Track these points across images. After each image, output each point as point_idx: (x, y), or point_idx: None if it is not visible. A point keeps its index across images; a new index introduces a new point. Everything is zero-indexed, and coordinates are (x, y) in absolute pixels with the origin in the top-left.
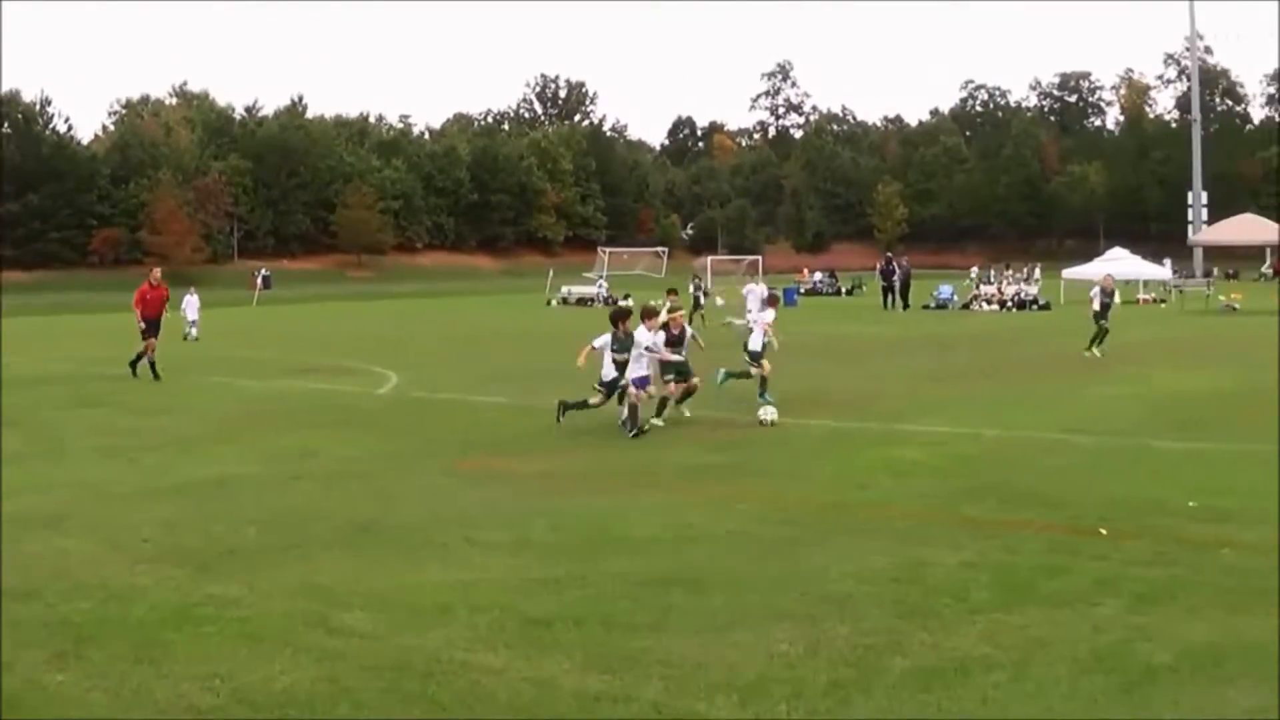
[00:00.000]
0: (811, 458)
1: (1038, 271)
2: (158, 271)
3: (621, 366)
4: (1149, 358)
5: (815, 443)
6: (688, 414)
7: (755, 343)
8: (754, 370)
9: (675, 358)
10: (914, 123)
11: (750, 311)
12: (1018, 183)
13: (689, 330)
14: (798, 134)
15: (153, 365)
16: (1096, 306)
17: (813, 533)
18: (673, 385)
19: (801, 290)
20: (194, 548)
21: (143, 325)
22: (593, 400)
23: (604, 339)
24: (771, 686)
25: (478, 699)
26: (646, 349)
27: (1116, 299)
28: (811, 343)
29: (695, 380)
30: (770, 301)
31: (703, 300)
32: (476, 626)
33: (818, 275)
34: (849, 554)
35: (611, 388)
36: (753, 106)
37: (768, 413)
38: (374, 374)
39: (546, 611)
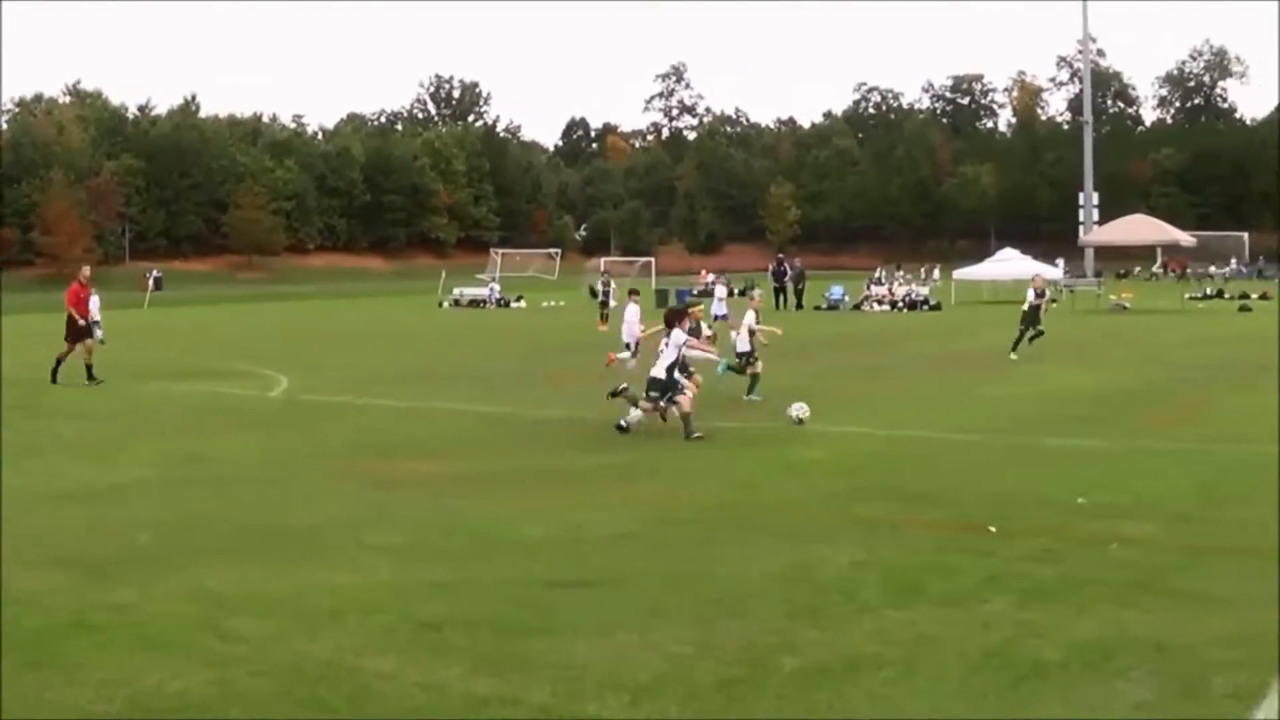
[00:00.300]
0: (702, 458)
1: (936, 272)
2: (87, 270)
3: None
4: (1039, 356)
5: (706, 443)
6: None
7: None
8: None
9: (712, 355)
10: (807, 125)
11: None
12: (910, 184)
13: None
14: (691, 136)
15: (89, 368)
16: (1026, 307)
17: (703, 533)
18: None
19: (695, 291)
20: (87, 554)
21: (83, 323)
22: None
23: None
24: (663, 687)
25: (369, 703)
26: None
27: (1046, 296)
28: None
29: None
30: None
31: (611, 301)
32: (368, 631)
33: (711, 276)
34: (739, 554)
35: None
36: (646, 108)
37: (798, 409)
38: (265, 377)
39: (437, 615)
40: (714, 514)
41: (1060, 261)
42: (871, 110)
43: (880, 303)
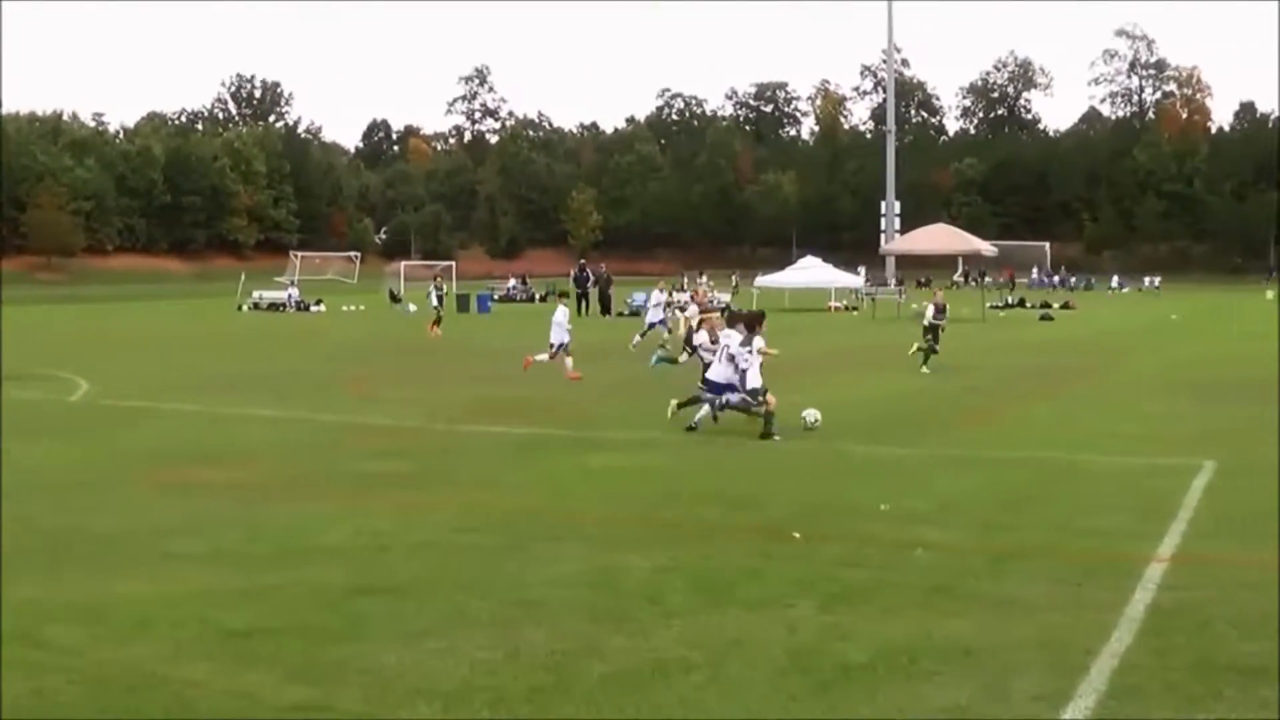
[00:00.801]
0: (502, 465)
1: (734, 279)
2: None
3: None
4: (841, 364)
5: (506, 450)
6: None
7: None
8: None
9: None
10: (610, 130)
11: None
12: (712, 191)
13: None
14: (494, 139)
15: None
16: (926, 322)
17: (506, 539)
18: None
19: (496, 296)
20: None
21: None
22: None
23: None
24: (472, 693)
25: (181, 711)
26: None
27: (947, 313)
28: (506, 350)
29: None
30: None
31: (441, 309)
32: (177, 639)
33: (511, 281)
34: (544, 560)
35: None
36: (449, 111)
37: (811, 415)
38: (63, 381)
39: (245, 623)
40: (516, 520)
41: (862, 270)
42: (675, 116)
43: (683, 309)
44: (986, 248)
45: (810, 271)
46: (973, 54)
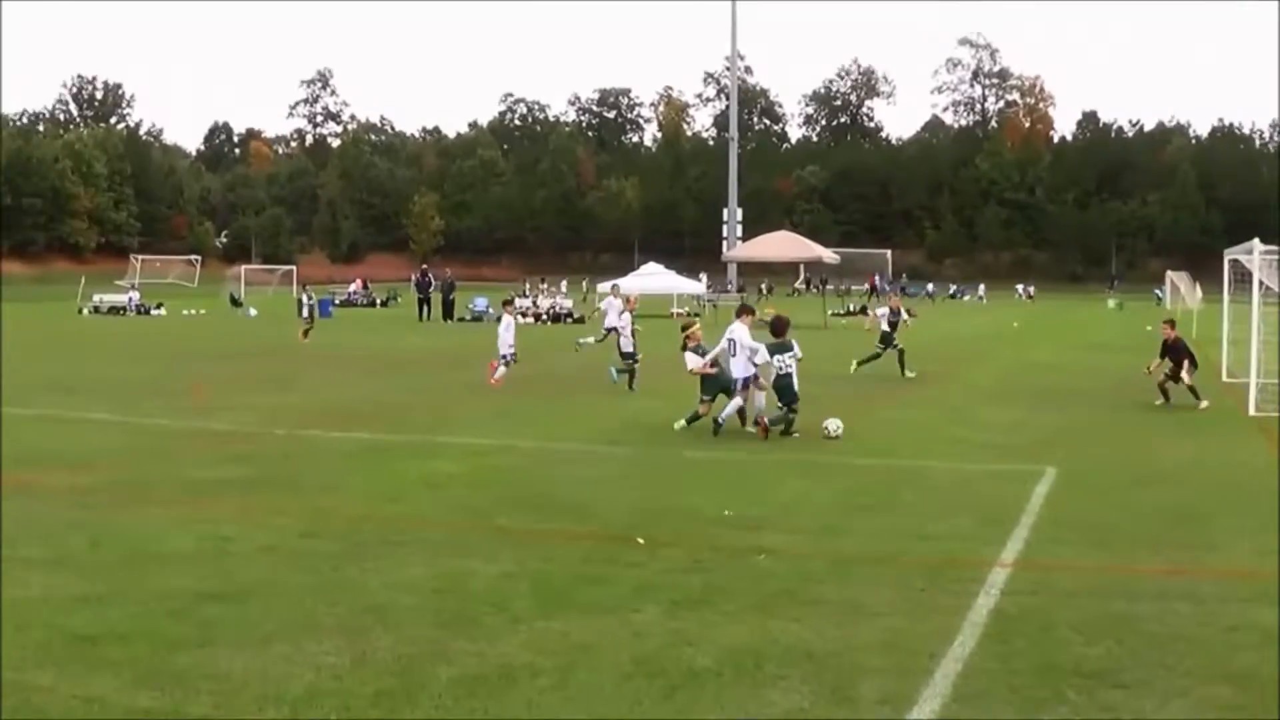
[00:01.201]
0: (345, 471)
1: (585, 285)
2: None
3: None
4: (682, 370)
5: (348, 456)
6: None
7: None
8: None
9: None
10: (452, 134)
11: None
12: (554, 196)
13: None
14: (336, 143)
15: None
16: (885, 326)
17: (350, 545)
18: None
19: (336, 301)
20: None
21: None
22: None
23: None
24: (320, 699)
25: (30, 715)
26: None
27: (904, 316)
28: (347, 355)
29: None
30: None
31: (314, 317)
32: (23, 645)
33: (353, 286)
34: (388, 565)
35: (785, 396)
36: (291, 114)
37: (834, 425)
38: None
39: (92, 629)
40: (360, 526)
41: (703, 276)
42: (518, 121)
43: (524, 315)
44: (828, 255)
45: (652, 278)
46: (816, 62)
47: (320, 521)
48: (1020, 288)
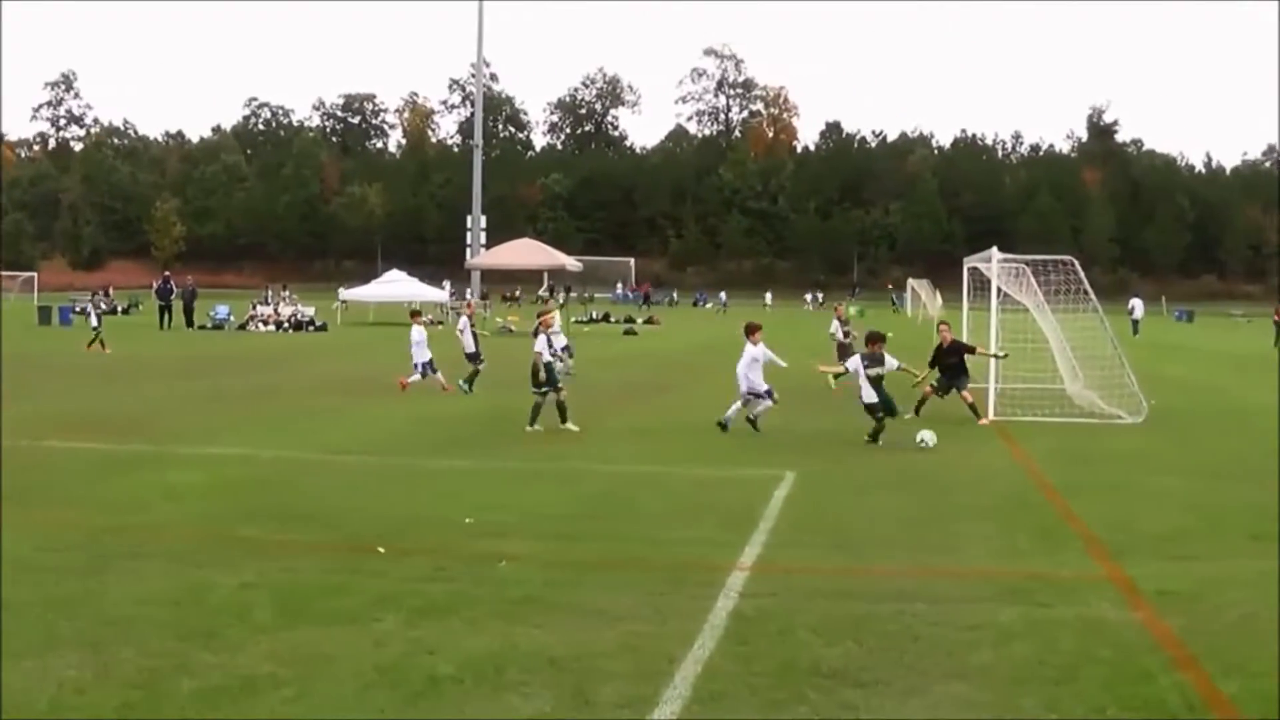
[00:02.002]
0: (83, 482)
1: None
2: None
3: (876, 383)
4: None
5: (87, 467)
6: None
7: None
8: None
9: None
10: (196, 139)
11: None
12: (297, 202)
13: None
14: (79, 147)
15: None
16: (841, 337)
17: (89, 557)
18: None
19: (77, 309)
20: None
21: None
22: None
23: (856, 361)
24: (63, 713)
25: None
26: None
27: (850, 327)
28: (84, 363)
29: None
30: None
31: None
32: None
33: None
34: (128, 578)
35: (881, 408)
36: (34, 117)
37: (928, 436)
38: None
39: None
40: (100, 539)
41: (447, 284)
42: (261, 126)
43: (266, 323)
44: (571, 263)
45: (395, 285)
46: (562, 70)
47: (60, 534)
48: (723, 295)
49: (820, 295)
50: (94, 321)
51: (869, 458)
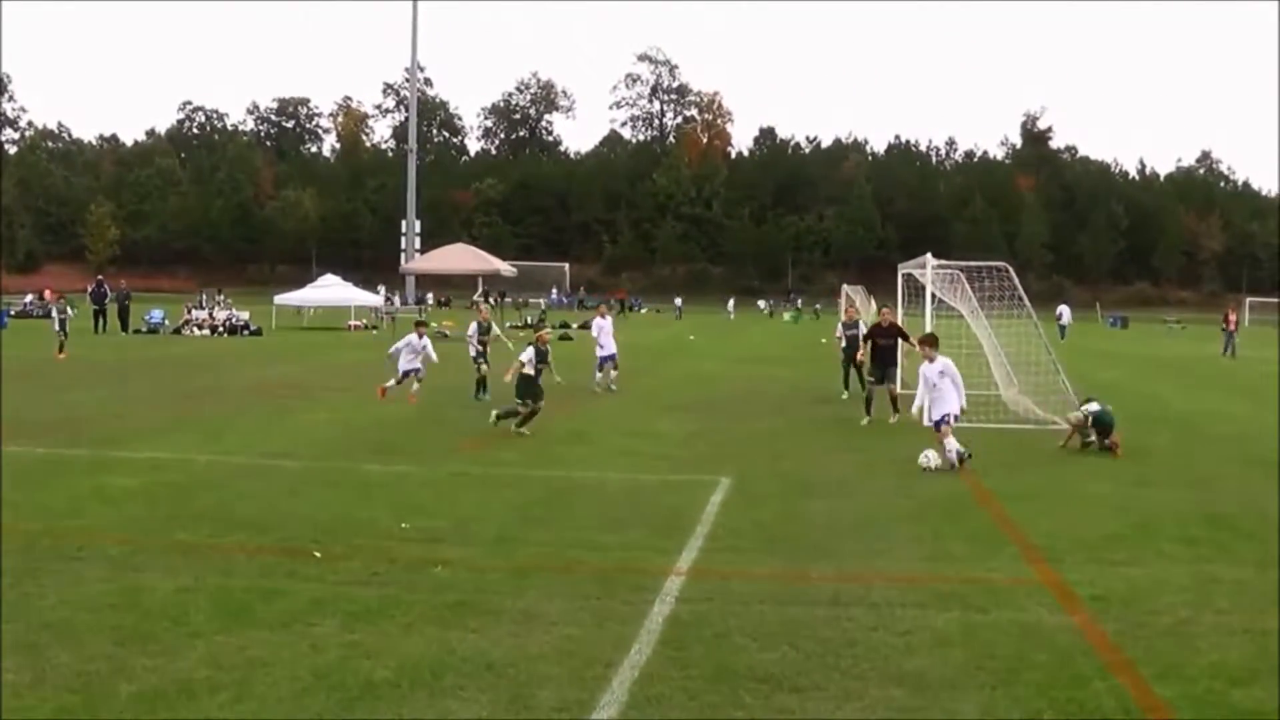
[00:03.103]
0: (19, 486)
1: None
2: None
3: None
4: (354, 383)
5: (23, 470)
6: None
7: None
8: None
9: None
10: (130, 143)
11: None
12: (231, 206)
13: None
14: (13, 149)
15: None
16: (845, 345)
17: (25, 561)
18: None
19: (12, 312)
20: None
21: None
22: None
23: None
24: None
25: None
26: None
27: (861, 330)
28: (14, 367)
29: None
30: None
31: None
32: None
33: (29, 297)
34: (64, 581)
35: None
36: None
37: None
38: None
39: None
40: (36, 542)
41: (382, 289)
42: (196, 130)
43: (201, 327)
44: (505, 268)
45: (330, 290)
46: (496, 75)
47: None
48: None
49: (771, 301)
50: (57, 326)
51: (804, 462)
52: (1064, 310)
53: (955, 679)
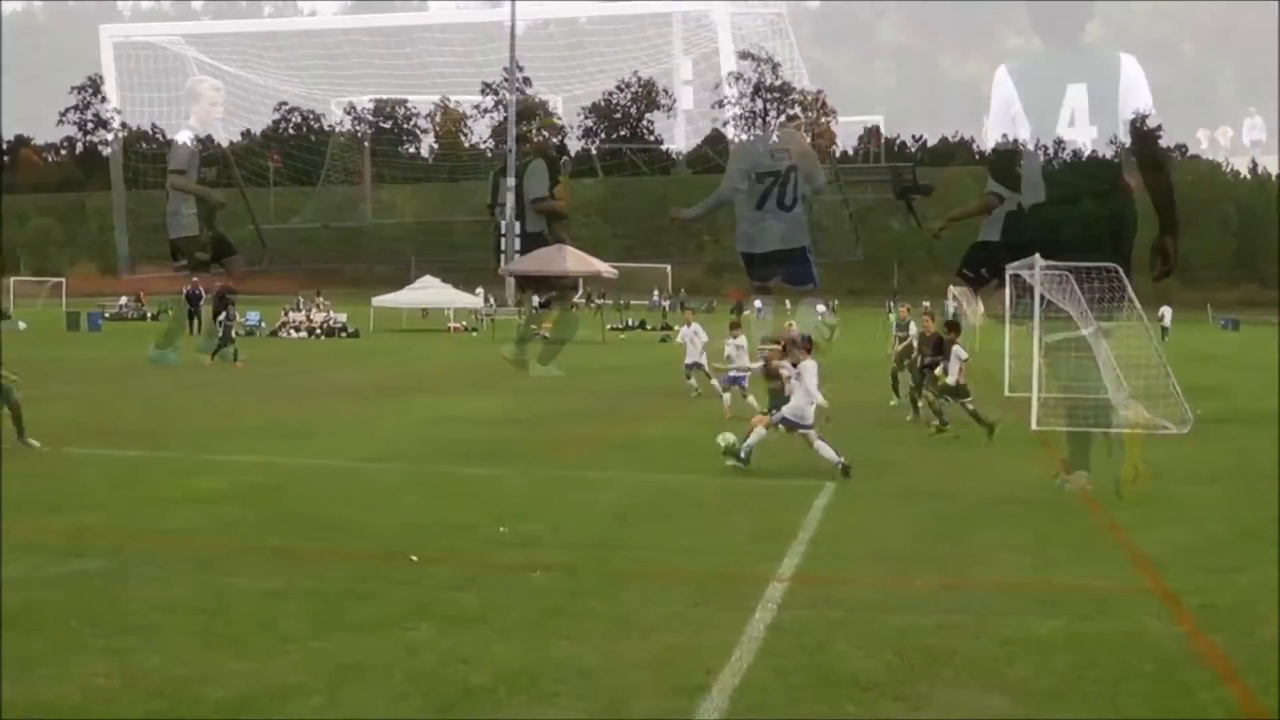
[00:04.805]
0: (107, 488)
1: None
2: None
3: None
4: (452, 385)
5: (113, 472)
6: None
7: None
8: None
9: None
10: (225, 144)
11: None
12: (329, 207)
13: None
14: (107, 151)
15: None
16: (900, 347)
17: (115, 564)
18: None
19: (107, 314)
20: None
21: None
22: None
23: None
24: None
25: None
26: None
27: (913, 329)
28: (113, 370)
29: None
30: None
31: (229, 336)
32: None
33: (124, 299)
34: (153, 585)
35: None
36: (61, 121)
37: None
38: None
39: None
40: (125, 545)
41: (480, 290)
42: (292, 130)
43: (298, 329)
44: (606, 269)
45: (428, 291)
46: (597, 75)
47: (84, 540)
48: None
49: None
50: (220, 331)
51: (908, 468)
52: (1166, 312)
53: (1059, 688)
